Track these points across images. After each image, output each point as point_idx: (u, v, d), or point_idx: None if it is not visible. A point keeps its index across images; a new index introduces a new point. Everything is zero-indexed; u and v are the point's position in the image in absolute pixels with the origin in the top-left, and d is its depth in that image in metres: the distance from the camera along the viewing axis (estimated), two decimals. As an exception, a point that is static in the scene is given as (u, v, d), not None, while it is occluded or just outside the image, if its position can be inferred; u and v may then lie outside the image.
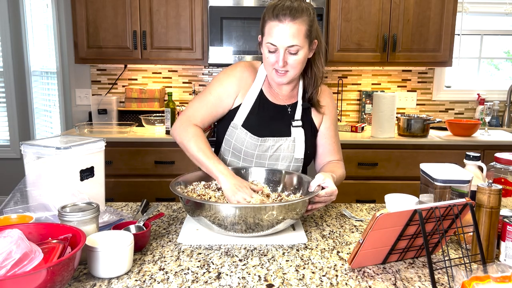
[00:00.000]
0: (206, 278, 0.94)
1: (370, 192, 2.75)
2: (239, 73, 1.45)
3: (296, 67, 1.34)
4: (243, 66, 1.47)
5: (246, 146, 1.42)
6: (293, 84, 1.46)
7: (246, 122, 1.43)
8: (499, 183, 1.21)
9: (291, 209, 1.10)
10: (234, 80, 1.44)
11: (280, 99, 1.47)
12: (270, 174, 1.40)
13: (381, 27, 2.90)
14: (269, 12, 1.31)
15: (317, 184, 1.24)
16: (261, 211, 1.06)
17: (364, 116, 3.32)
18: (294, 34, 1.28)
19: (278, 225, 1.11)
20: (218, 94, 1.43)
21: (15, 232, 0.84)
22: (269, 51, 1.33)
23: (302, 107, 1.47)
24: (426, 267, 1.01)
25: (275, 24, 1.29)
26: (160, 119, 2.83)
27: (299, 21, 1.28)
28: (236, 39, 2.78)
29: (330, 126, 1.52)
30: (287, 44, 1.29)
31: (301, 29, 1.29)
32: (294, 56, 1.31)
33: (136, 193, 2.72)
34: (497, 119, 3.35)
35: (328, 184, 1.24)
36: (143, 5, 2.84)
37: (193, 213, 1.13)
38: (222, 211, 1.07)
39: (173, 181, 1.25)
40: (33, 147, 1.16)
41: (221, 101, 1.43)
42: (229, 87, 1.43)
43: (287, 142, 1.43)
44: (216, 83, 1.44)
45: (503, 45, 3.56)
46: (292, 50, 1.30)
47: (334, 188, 1.25)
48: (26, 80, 3.61)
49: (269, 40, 1.31)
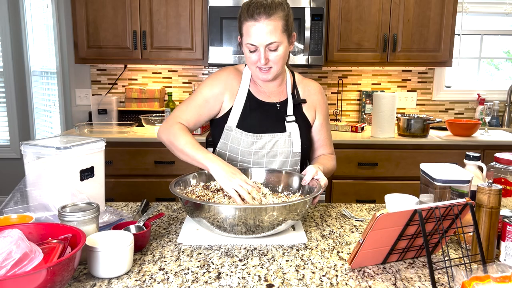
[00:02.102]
0: (206, 278, 0.94)
1: (370, 192, 2.75)
2: (224, 77, 1.47)
3: (278, 62, 1.36)
4: (228, 70, 1.50)
5: (242, 145, 1.42)
6: (279, 80, 1.48)
7: (240, 123, 1.44)
8: (499, 183, 1.21)
9: (292, 209, 1.10)
10: (219, 83, 1.46)
11: (268, 97, 1.49)
12: (270, 174, 1.40)
13: (381, 27, 2.90)
14: (244, 12, 1.33)
15: (310, 178, 1.28)
16: (262, 212, 1.06)
17: (364, 116, 3.32)
18: (271, 31, 1.30)
19: (279, 226, 1.11)
20: (203, 97, 1.45)
21: (15, 232, 0.84)
22: (250, 51, 1.35)
23: (293, 103, 1.48)
24: (426, 267, 1.01)
25: (252, 24, 1.31)
26: (160, 119, 2.83)
27: (275, 17, 1.30)
28: (236, 39, 2.78)
29: (323, 122, 1.55)
30: (266, 42, 1.31)
31: (278, 25, 1.31)
32: (274, 52, 1.34)
33: (136, 193, 2.72)
34: (497, 119, 3.35)
35: (320, 176, 1.29)
36: (143, 5, 2.84)
37: (193, 214, 1.13)
38: (221, 212, 1.06)
39: (172, 181, 1.25)
40: (33, 147, 1.16)
41: (207, 103, 1.44)
42: (215, 89, 1.45)
43: (283, 137, 1.45)
44: (202, 87, 1.47)
45: (503, 45, 3.56)
46: (272, 47, 1.33)
47: (326, 180, 1.30)
48: (26, 80, 3.61)
49: (248, 41, 1.33)
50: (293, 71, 1.55)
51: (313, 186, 1.27)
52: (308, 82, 1.56)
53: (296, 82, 1.53)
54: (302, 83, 1.54)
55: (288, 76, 1.51)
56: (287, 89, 1.50)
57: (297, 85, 1.53)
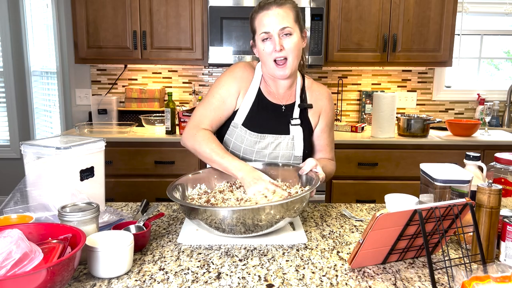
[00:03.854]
0: (206, 278, 0.94)
1: (370, 192, 2.75)
2: (240, 73, 1.47)
3: (293, 51, 1.36)
4: (242, 66, 1.49)
5: (245, 143, 1.43)
6: (291, 81, 1.47)
7: (246, 121, 1.44)
8: (499, 183, 1.21)
9: (289, 208, 1.10)
10: (235, 81, 1.45)
11: (277, 98, 1.48)
12: (268, 168, 1.41)
13: (381, 27, 2.90)
14: (256, 9, 1.39)
15: (309, 169, 1.30)
16: (259, 211, 1.06)
17: (364, 116, 3.32)
18: (283, 17, 1.34)
19: (277, 224, 1.11)
20: (221, 97, 1.44)
21: (15, 232, 0.84)
22: (263, 41, 1.37)
23: (299, 108, 1.48)
24: (426, 267, 1.01)
25: (264, 14, 1.35)
26: (160, 119, 2.83)
27: (286, 6, 1.35)
28: (236, 39, 2.79)
29: (325, 128, 1.53)
30: (279, 26, 1.34)
31: (289, 13, 1.35)
32: (288, 38, 1.35)
33: (136, 193, 2.72)
34: (497, 119, 3.35)
35: (319, 170, 1.30)
36: (143, 5, 2.84)
37: (189, 216, 1.13)
38: (219, 214, 1.06)
39: (170, 185, 1.24)
40: (33, 147, 1.16)
41: (225, 103, 1.44)
42: (231, 88, 1.44)
43: (286, 139, 1.45)
44: (217, 86, 1.46)
45: (503, 45, 3.56)
46: (285, 31, 1.34)
47: (324, 174, 1.32)
48: (26, 80, 3.61)
49: (262, 30, 1.36)
50: (304, 76, 1.54)
51: (311, 177, 1.28)
52: (317, 87, 1.54)
53: (305, 87, 1.52)
54: (311, 88, 1.53)
55: (298, 80, 1.50)
56: (296, 92, 1.49)
57: (306, 89, 1.52)
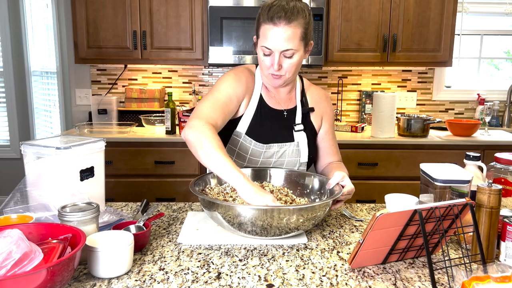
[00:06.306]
0: (206, 278, 0.94)
1: (370, 192, 2.75)
2: (245, 78, 1.41)
3: (291, 70, 1.32)
4: (247, 73, 1.43)
5: (250, 154, 1.40)
6: (290, 86, 1.45)
7: (250, 130, 1.40)
8: (499, 183, 1.21)
9: (312, 216, 1.09)
10: (241, 85, 1.39)
11: (278, 104, 1.46)
12: (289, 176, 1.38)
13: (381, 27, 2.90)
14: (264, 14, 1.29)
15: (336, 182, 1.25)
16: (280, 214, 1.05)
17: (364, 116, 3.32)
18: (289, 38, 1.26)
19: (296, 230, 1.11)
20: (228, 95, 1.35)
21: (15, 232, 0.84)
22: (264, 54, 1.32)
23: (302, 112, 1.46)
24: (426, 267, 1.01)
25: (270, 28, 1.27)
26: (160, 119, 2.83)
27: (295, 24, 1.26)
28: (236, 39, 2.78)
29: (329, 129, 1.52)
30: (282, 48, 1.27)
31: (297, 32, 1.27)
32: (289, 59, 1.30)
33: (136, 193, 2.72)
34: (497, 119, 3.35)
35: (346, 182, 1.26)
36: (143, 5, 2.84)
37: (210, 209, 1.12)
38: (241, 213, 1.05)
39: (192, 181, 1.24)
40: (33, 147, 1.16)
41: (231, 102, 1.36)
42: (238, 90, 1.38)
43: (291, 147, 1.43)
44: (224, 84, 1.37)
45: (503, 45, 3.56)
46: (287, 54, 1.29)
47: (352, 187, 1.27)
48: (26, 80, 3.61)
49: (264, 44, 1.29)
50: (302, 77, 1.53)
51: (334, 189, 1.24)
52: (314, 89, 1.53)
53: (304, 89, 1.50)
54: (309, 89, 1.51)
55: (298, 83, 1.48)
56: (296, 96, 1.47)
57: (305, 91, 1.50)
